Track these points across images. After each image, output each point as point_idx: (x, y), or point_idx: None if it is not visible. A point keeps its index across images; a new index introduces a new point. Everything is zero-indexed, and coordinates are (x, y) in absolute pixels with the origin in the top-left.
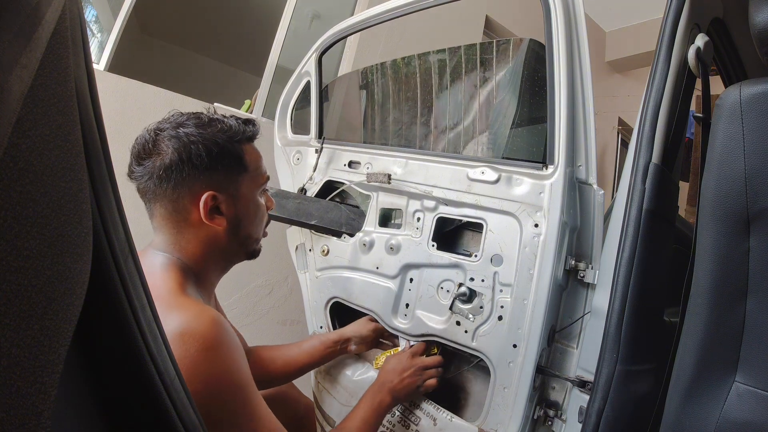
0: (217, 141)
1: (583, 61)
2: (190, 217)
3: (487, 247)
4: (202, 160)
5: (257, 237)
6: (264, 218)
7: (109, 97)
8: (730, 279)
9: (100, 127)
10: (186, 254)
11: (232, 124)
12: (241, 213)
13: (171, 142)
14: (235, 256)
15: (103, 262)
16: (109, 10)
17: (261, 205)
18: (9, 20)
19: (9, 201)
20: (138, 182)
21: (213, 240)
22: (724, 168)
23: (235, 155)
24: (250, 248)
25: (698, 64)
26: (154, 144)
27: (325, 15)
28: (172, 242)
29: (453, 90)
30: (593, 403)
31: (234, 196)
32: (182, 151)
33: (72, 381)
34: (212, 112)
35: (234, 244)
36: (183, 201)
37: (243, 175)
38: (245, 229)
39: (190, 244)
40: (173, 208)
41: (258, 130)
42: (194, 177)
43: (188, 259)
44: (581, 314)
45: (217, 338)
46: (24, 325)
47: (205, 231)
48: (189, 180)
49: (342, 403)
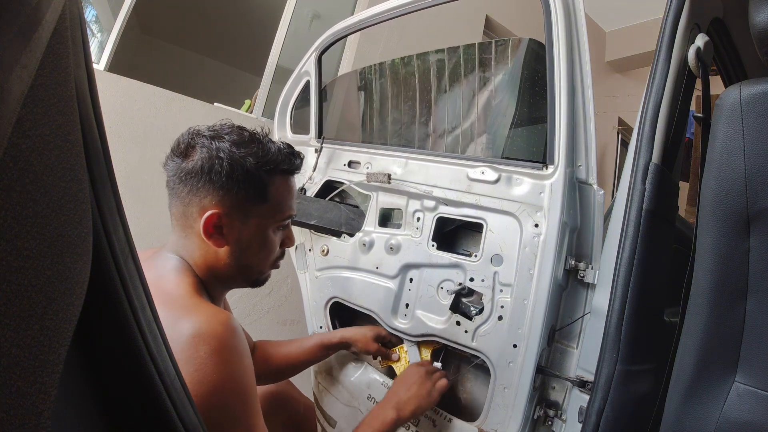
0: (244, 164)
1: (583, 61)
2: (195, 226)
3: (487, 247)
4: (220, 177)
5: (260, 270)
6: (272, 254)
7: (109, 97)
8: (730, 279)
9: (100, 127)
10: (193, 261)
11: (270, 150)
12: (244, 242)
13: (201, 150)
14: (233, 281)
15: (103, 262)
16: (109, 10)
17: (271, 240)
18: (9, 20)
19: (9, 201)
20: (167, 174)
21: (213, 257)
22: (724, 168)
23: (258, 183)
24: (250, 278)
25: (698, 64)
26: (187, 146)
27: (325, 15)
28: (183, 245)
29: (452, 90)
30: (593, 403)
31: (242, 222)
32: (206, 162)
33: (72, 381)
34: (265, 131)
35: (233, 270)
36: (192, 209)
37: (260, 206)
38: (246, 259)
39: (195, 252)
40: (183, 212)
41: (299, 165)
42: (207, 191)
43: (195, 266)
44: (581, 314)
45: (229, 342)
46: (24, 325)
47: (207, 246)
48: (202, 192)
49: (343, 403)
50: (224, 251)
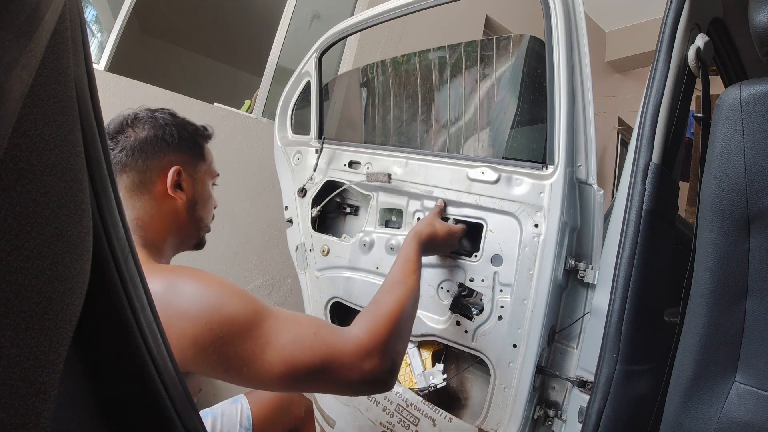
0: (186, 128)
1: (583, 61)
2: (155, 189)
3: (487, 247)
4: (173, 138)
5: (207, 223)
6: (212, 209)
7: (109, 97)
8: (730, 279)
9: (100, 127)
10: (146, 228)
11: (195, 123)
12: (197, 195)
13: (147, 121)
14: (188, 236)
15: (103, 262)
16: (109, 10)
17: (212, 196)
18: (9, 20)
19: (9, 201)
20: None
21: (172, 214)
22: (724, 168)
23: (198, 145)
24: (201, 232)
25: (698, 64)
26: (132, 121)
27: (325, 15)
28: (134, 218)
29: (453, 87)
30: (593, 403)
31: (194, 177)
32: (158, 129)
33: (72, 381)
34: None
35: (190, 224)
36: (151, 173)
37: (202, 164)
38: (199, 211)
39: (152, 218)
40: (140, 180)
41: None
42: (164, 152)
43: (147, 232)
44: (581, 314)
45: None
46: (24, 325)
47: (167, 205)
48: (160, 154)
49: (342, 403)
50: (182, 205)
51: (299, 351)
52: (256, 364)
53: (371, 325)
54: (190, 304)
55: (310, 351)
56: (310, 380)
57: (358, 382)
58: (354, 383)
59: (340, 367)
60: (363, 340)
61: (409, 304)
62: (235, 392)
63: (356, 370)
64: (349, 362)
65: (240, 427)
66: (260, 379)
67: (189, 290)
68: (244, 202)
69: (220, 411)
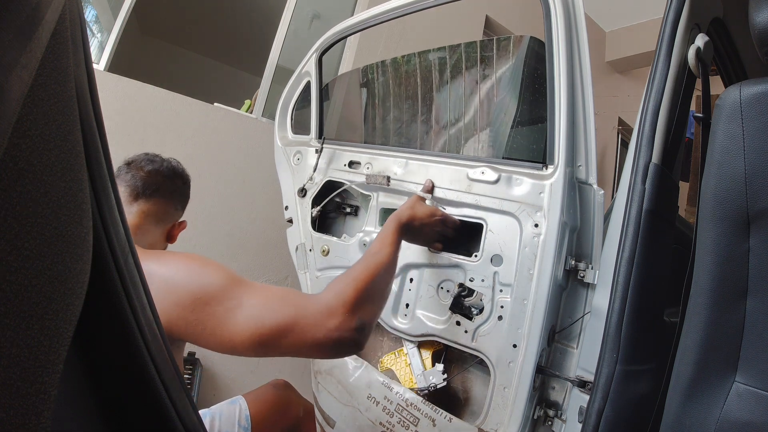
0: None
1: (583, 61)
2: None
3: (487, 247)
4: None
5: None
6: None
7: (109, 97)
8: (730, 279)
9: (100, 127)
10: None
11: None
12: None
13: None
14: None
15: (103, 262)
16: (109, 10)
17: None
18: (9, 20)
19: (9, 201)
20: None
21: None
22: (724, 168)
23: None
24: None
25: (698, 64)
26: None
27: (325, 15)
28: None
29: (453, 87)
30: (593, 403)
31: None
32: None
33: (72, 381)
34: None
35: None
36: (170, 208)
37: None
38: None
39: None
40: (165, 210)
41: None
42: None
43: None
44: (581, 314)
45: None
46: (24, 325)
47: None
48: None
49: (342, 403)
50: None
51: (267, 311)
52: (228, 324)
53: (338, 288)
54: (174, 272)
55: (279, 311)
56: (278, 340)
57: (324, 340)
58: (321, 342)
59: (305, 326)
60: (329, 300)
61: (382, 269)
62: (234, 393)
63: (321, 327)
64: (314, 320)
65: (238, 427)
66: (233, 341)
67: (175, 262)
68: (244, 202)
69: (219, 411)
